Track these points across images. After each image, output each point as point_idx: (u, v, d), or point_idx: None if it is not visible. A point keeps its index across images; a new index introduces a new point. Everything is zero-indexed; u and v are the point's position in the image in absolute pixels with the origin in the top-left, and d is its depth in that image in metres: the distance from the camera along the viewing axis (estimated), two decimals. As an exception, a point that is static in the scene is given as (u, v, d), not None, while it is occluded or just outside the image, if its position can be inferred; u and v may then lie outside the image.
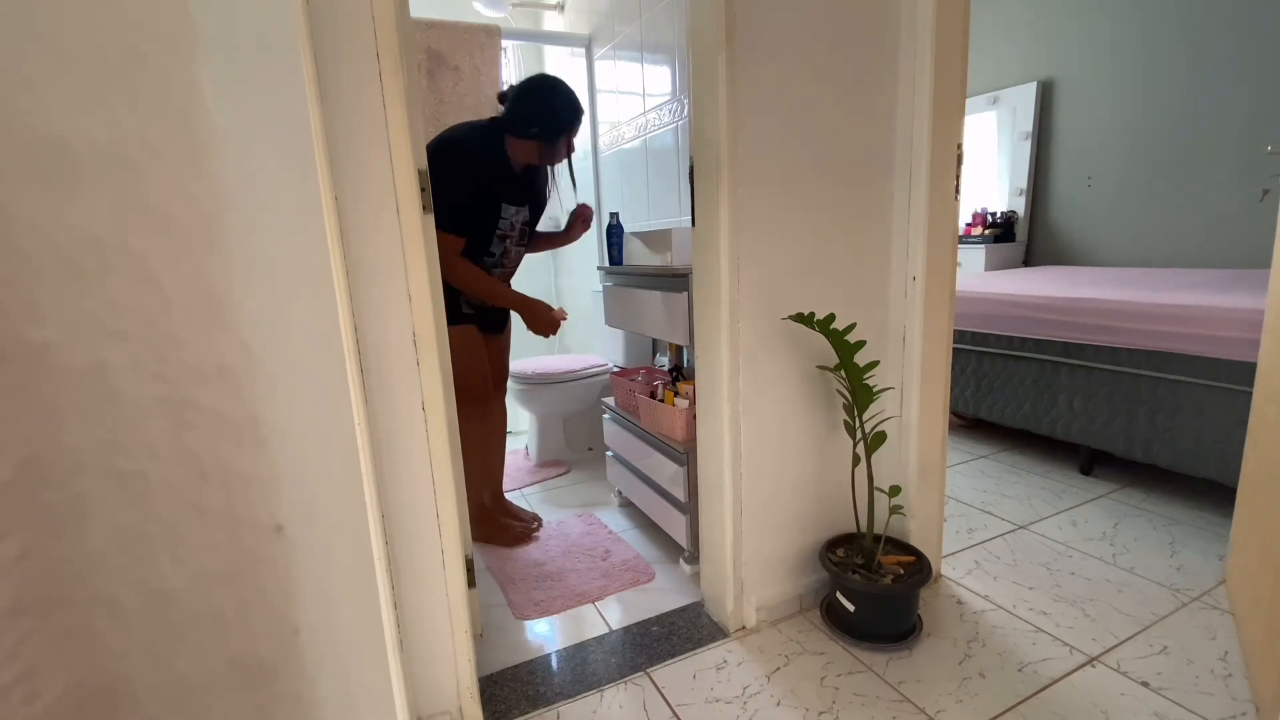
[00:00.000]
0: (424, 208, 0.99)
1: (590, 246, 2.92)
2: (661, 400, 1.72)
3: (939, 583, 1.57)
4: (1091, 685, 1.20)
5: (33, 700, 0.69)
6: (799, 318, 1.26)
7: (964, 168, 1.39)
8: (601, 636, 1.43)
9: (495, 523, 1.93)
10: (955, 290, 1.46)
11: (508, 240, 1.77)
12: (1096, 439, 2.01)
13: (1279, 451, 1.15)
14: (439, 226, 1.56)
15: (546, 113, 1.66)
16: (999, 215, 3.24)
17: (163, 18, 0.68)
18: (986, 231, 3.20)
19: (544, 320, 1.78)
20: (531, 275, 3.21)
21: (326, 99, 0.86)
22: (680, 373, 1.85)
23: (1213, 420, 1.72)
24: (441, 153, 1.60)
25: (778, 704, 1.19)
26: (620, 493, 2.13)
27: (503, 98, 1.70)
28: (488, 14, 2.80)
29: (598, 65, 2.71)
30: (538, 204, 1.86)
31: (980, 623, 1.40)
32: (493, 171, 1.67)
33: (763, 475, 1.39)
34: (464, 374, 1.77)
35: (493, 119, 1.71)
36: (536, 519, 2.02)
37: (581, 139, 2.91)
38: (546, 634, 1.45)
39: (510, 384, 2.40)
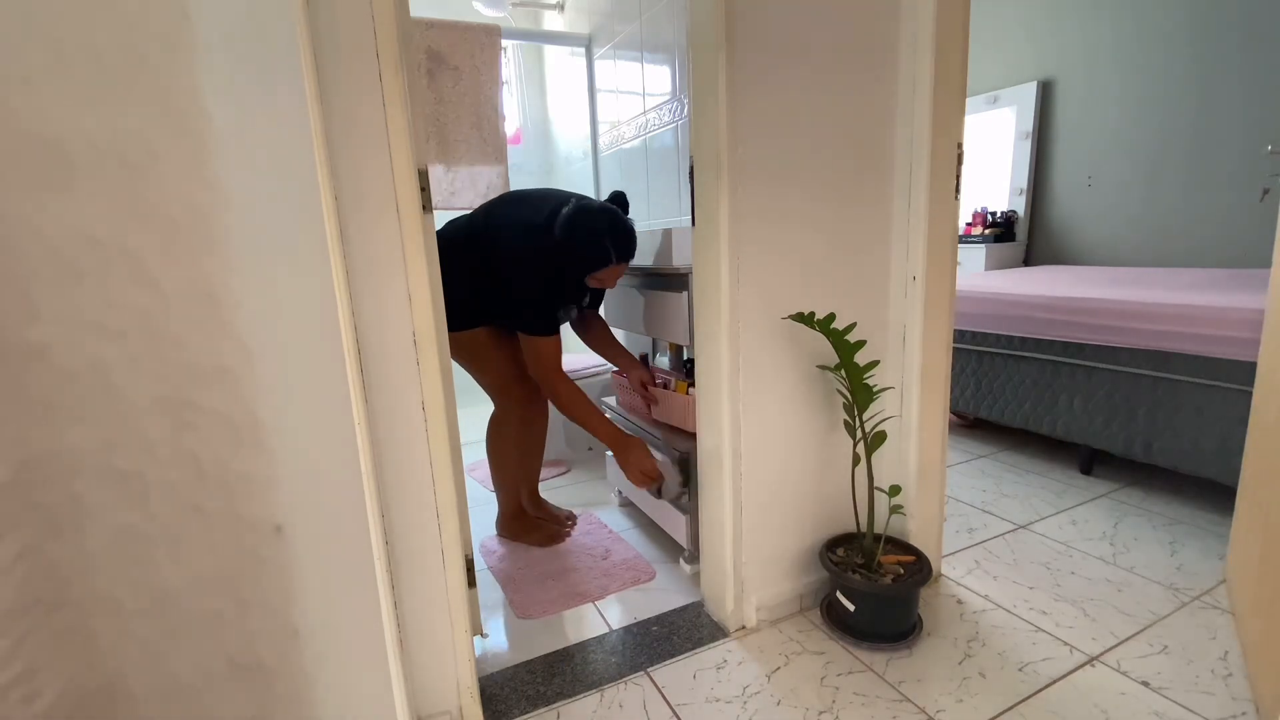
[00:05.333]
0: (424, 207, 0.99)
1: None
2: (674, 390, 1.70)
3: (939, 582, 1.57)
4: (1091, 685, 1.20)
5: (31, 700, 0.69)
6: (799, 317, 1.26)
7: (964, 167, 1.39)
8: (601, 636, 1.42)
9: (529, 520, 1.93)
10: (955, 290, 1.45)
11: None
12: (1096, 439, 2.01)
13: (1279, 451, 1.15)
14: (539, 333, 1.58)
15: (572, 246, 1.55)
16: (999, 215, 3.24)
17: (162, 17, 0.68)
18: (986, 231, 3.20)
19: (636, 465, 1.60)
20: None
21: (326, 99, 0.86)
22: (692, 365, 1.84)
23: (1213, 420, 1.71)
24: (533, 270, 1.56)
25: (778, 704, 1.19)
26: (620, 492, 2.13)
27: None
28: (488, 14, 2.80)
29: (598, 65, 2.71)
30: (597, 294, 1.81)
31: (980, 622, 1.40)
32: (563, 283, 1.62)
33: (763, 475, 1.39)
34: (501, 375, 1.77)
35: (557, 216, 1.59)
36: (571, 517, 2.02)
37: (580, 137, 2.93)
38: (546, 634, 1.45)
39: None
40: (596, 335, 1.93)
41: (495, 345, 1.73)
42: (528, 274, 1.58)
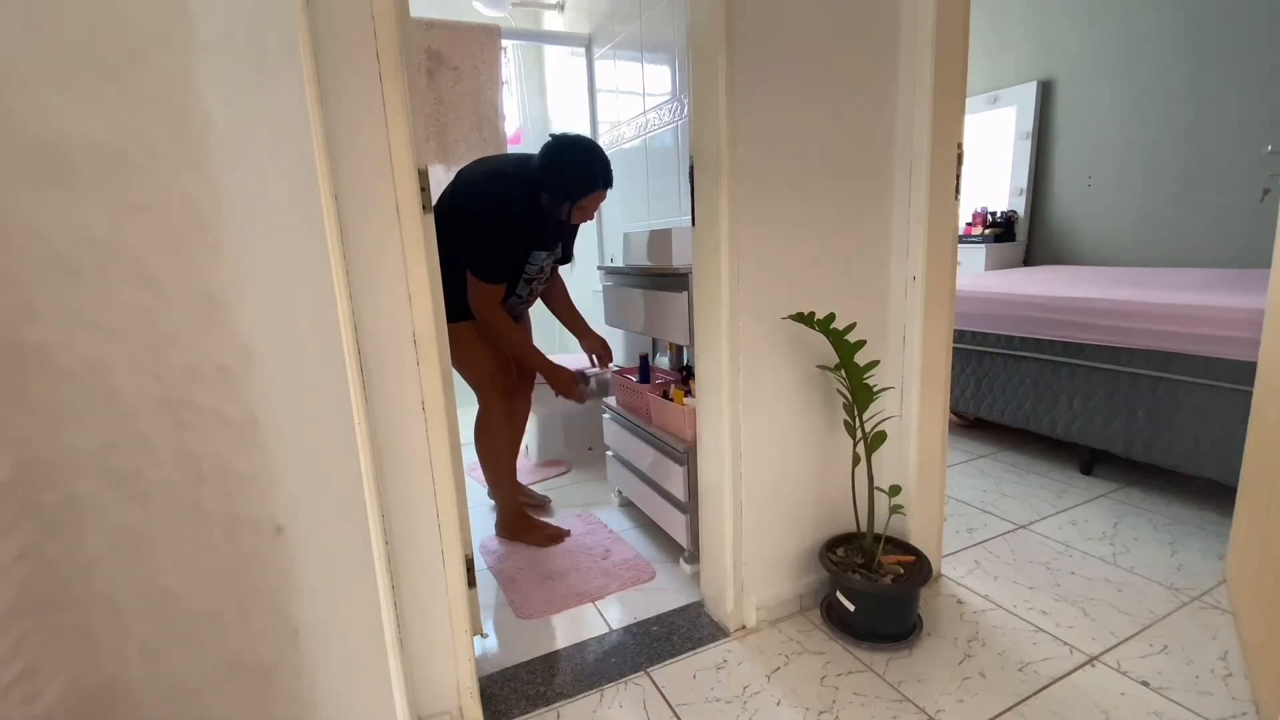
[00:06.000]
0: (424, 207, 0.99)
1: (591, 247, 2.92)
2: (670, 399, 1.71)
3: (939, 582, 1.57)
4: (1091, 685, 1.20)
5: (32, 700, 0.69)
6: (799, 317, 1.26)
7: (964, 167, 1.39)
8: (602, 636, 1.42)
9: (530, 521, 1.94)
10: (955, 290, 1.45)
11: (534, 283, 1.81)
12: (1096, 439, 2.01)
13: (1279, 451, 1.15)
14: (480, 276, 1.62)
15: (556, 176, 1.61)
16: (999, 215, 3.24)
17: (161, 17, 0.68)
18: (986, 231, 3.20)
19: (565, 385, 1.84)
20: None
21: (326, 99, 0.86)
22: (691, 371, 1.85)
23: (1213, 420, 1.71)
24: (489, 209, 1.60)
25: (778, 704, 1.19)
26: (620, 492, 2.13)
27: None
28: (488, 14, 2.80)
29: (597, 65, 2.71)
30: (568, 242, 1.89)
31: (980, 622, 1.40)
32: (532, 225, 1.66)
33: (763, 475, 1.39)
34: (484, 366, 1.80)
35: (529, 164, 1.66)
36: (545, 499, 2.11)
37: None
38: (547, 634, 1.45)
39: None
40: (557, 297, 1.99)
41: (478, 338, 1.76)
42: (498, 215, 1.60)
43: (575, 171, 1.59)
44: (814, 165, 1.31)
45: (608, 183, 1.64)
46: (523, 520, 1.93)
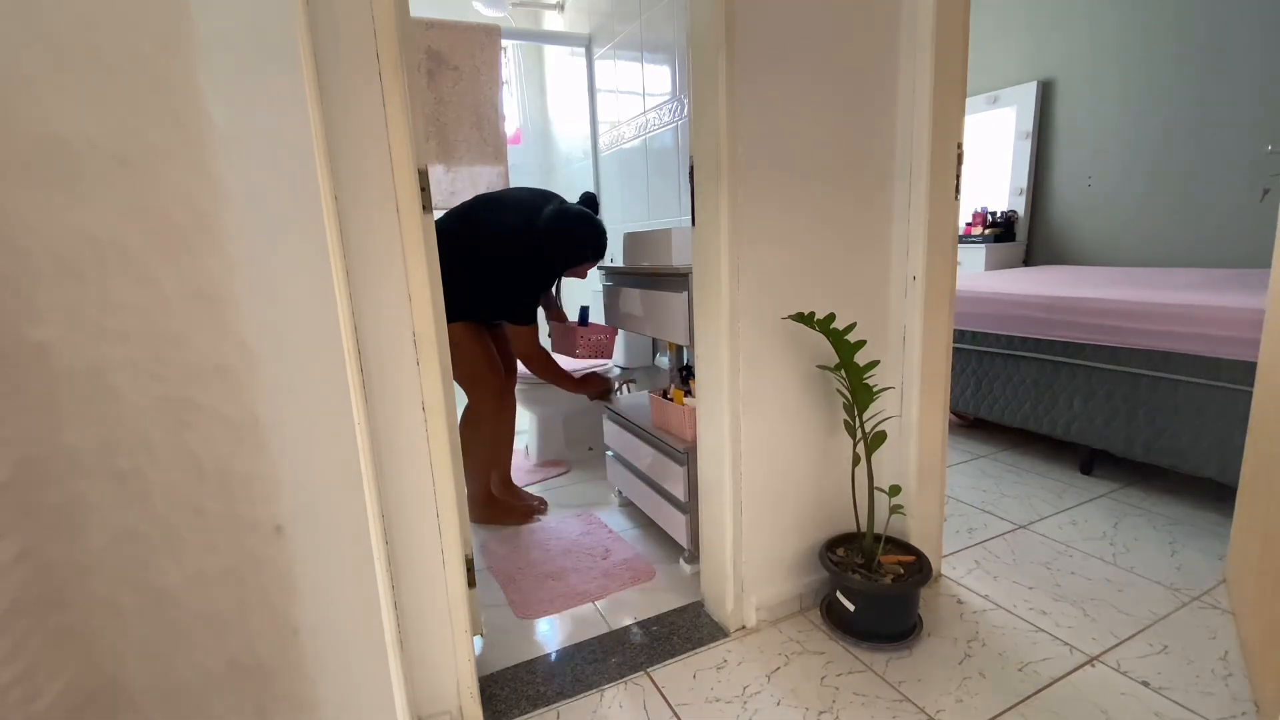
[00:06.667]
0: (424, 207, 0.99)
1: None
2: (670, 399, 1.71)
3: (939, 582, 1.57)
4: (1091, 685, 1.20)
5: (31, 700, 0.69)
6: (799, 317, 1.26)
7: (964, 167, 1.39)
8: (602, 636, 1.42)
9: (501, 505, 2.04)
10: (955, 290, 1.45)
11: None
12: (1096, 439, 2.01)
13: (1279, 451, 1.15)
14: (525, 323, 1.85)
15: (551, 246, 1.81)
16: (999, 215, 3.24)
17: (163, 17, 0.68)
18: (986, 231, 3.20)
19: (594, 389, 2.08)
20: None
21: (326, 99, 0.86)
22: (691, 371, 1.85)
23: (1213, 420, 1.71)
24: (525, 267, 1.80)
25: (778, 704, 1.19)
26: (620, 492, 2.13)
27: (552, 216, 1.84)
28: (488, 14, 2.80)
29: (597, 65, 2.71)
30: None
31: (980, 622, 1.40)
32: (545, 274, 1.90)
33: (763, 475, 1.39)
34: (476, 366, 1.90)
35: (538, 217, 1.83)
36: (542, 502, 2.15)
37: (580, 137, 2.93)
38: (547, 634, 1.45)
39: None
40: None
41: (469, 340, 1.85)
42: (521, 276, 1.81)
43: (571, 249, 1.82)
44: (813, 165, 1.31)
45: (598, 256, 1.88)
46: (491, 503, 2.02)
